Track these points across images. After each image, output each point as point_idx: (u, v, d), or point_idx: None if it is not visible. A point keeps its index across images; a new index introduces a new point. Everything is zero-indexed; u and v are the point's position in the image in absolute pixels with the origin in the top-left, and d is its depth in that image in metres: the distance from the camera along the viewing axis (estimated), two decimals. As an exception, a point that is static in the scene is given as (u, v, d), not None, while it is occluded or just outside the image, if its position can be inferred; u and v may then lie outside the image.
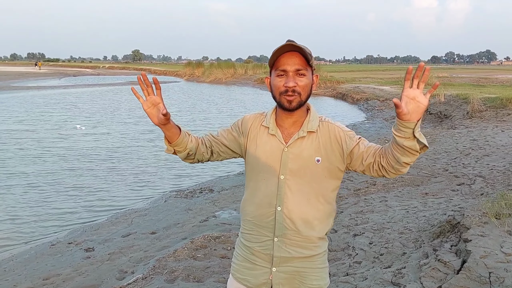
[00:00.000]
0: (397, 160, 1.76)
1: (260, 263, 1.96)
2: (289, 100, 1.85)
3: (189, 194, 7.84)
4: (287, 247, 1.91)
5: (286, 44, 1.82)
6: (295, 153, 1.89)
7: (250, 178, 2.01)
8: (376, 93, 23.56)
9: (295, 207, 1.89)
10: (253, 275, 1.98)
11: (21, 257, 5.43)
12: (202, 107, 22.46)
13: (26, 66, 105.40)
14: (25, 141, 12.51)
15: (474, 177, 7.28)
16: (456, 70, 67.70)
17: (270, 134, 1.95)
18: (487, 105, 14.89)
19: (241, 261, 2.03)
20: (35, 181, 8.63)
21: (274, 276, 1.94)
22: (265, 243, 1.94)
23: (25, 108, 20.52)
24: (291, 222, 1.89)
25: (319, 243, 1.94)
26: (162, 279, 4.35)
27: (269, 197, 1.91)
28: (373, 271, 3.99)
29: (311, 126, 1.92)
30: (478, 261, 3.54)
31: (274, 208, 1.90)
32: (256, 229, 1.96)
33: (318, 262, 1.96)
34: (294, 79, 1.84)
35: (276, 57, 1.86)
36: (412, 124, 1.65)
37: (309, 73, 1.89)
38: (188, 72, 58.49)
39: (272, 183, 1.91)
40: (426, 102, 1.63)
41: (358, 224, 5.43)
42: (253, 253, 1.98)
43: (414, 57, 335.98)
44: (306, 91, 1.88)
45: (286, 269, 1.93)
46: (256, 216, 1.95)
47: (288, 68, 1.84)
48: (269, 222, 1.92)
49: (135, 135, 14.07)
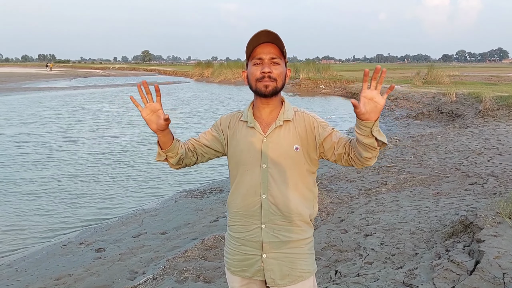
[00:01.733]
0: (360, 155, 1.86)
1: (250, 251, 2.05)
2: (265, 85, 1.95)
3: (199, 194, 7.84)
4: (274, 232, 2.01)
5: (262, 31, 1.91)
6: (274, 142, 2.00)
7: (235, 172, 2.10)
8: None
9: (279, 193, 1.99)
10: (247, 265, 2.07)
11: (33, 258, 5.47)
12: (212, 108, 22.46)
13: (37, 67, 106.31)
14: (35, 143, 12.61)
15: (487, 177, 7.20)
16: (467, 69, 67.14)
17: (249, 127, 2.05)
18: (499, 103, 14.73)
19: (233, 254, 2.11)
20: (46, 182, 8.69)
21: (265, 263, 2.03)
22: (253, 231, 2.03)
23: (36, 110, 20.70)
24: (276, 208, 1.99)
25: (305, 227, 2.05)
26: (172, 279, 4.35)
27: (254, 187, 2.01)
28: (385, 271, 3.95)
29: (287, 116, 2.03)
30: (492, 262, 3.48)
31: (259, 196, 2.01)
32: (244, 219, 2.05)
33: (306, 248, 2.07)
34: (269, 66, 1.96)
35: (252, 48, 1.97)
36: (370, 123, 1.73)
37: (283, 63, 2.00)
38: (197, 72, 58.63)
39: (255, 173, 2.01)
40: (383, 102, 1.71)
41: (369, 224, 5.39)
42: (243, 243, 2.06)
43: (425, 56, 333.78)
44: (281, 79, 1.98)
45: (275, 255, 2.02)
46: (243, 206, 2.04)
47: (264, 56, 1.95)
48: (256, 210, 2.02)
49: (144, 136, 14.12)
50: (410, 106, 18.77)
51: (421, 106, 18.23)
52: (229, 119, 2.15)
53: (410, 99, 19.90)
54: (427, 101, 18.62)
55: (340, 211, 6.04)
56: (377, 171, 8.18)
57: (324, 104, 24.27)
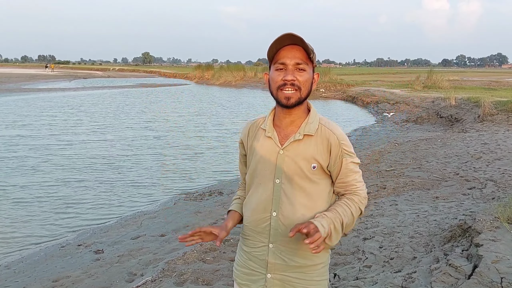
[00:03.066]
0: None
1: (256, 268, 1.93)
2: (287, 97, 1.78)
3: (198, 196, 7.84)
4: (282, 254, 1.87)
5: (285, 34, 1.74)
6: (291, 157, 1.83)
7: (249, 182, 1.98)
8: (386, 96, 23.43)
9: (290, 213, 1.83)
10: (251, 280, 1.95)
11: (30, 259, 5.47)
12: (212, 111, 22.47)
13: (37, 68, 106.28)
14: (33, 145, 12.61)
15: (486, 181, 7.21)
16: (467, 74, 67.24)
17: (266, 137, 1.89)
18: (499, 108, 14.76)
19: (241, 266, 2.01)
20: (44, 183, 8.69)
21: (268, 283, 1.90)
22: (260, 249, 1.91)
23: (36, 112, 20.70)
24: (286, 229, 1.82)
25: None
26: (171, 282, 4.35)
27: (264, 202, 1.87)
28: (383, 275, 3.96)
29: (309, 129, 1.84)
30: (490, 266, 3.49)
31: (269, 213, 1.87)
32: (253, 235, 1.93)
33: (315, 274, 1.89)
34: (293, 73, 1.77)
35: (275, 50, 1.80)
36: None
37: (310, 69, 1.82)
38: (198, 74, 58.66)
39: (268, 188, 1.87)
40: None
41: (368, 227, 5.39)
42: (250, 258, 1.95)
43: (425, 60, 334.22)
44: (306, 87, 1.81)
45: (280, 277, 1.89)
46: (252, 221, 1.92)
47: (288, 61, 1.77)
48: (265, 228, 1.88)
49: (144, 139, 14.13)
50: (409, 110, 18.79)
51: (421, 110, 18.26)
52: (248, 127, 2.00)
53: (409, 103, 19.93)
54: (427, 105, 18.66)
55: (339, 215, 6.03)
56: (376, 175, 8.19)
57: (324, 108, 24.28)
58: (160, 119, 18.63)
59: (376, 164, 9.03)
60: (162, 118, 19.13)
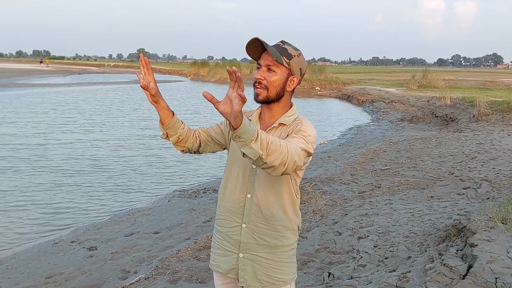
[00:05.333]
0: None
1: (229, 248, 2.07)
2: (256, 93, 1.98)
3: (192, 194, 7.81)
4: (254, 233, 2.02)
5: (251, 40, 1.90)
6: None
7: (229, 166, 2.12)
8: (381, 95, 23.48)
9: (263, 195, 1.99)
10: (223, 261, 2.10)
11: (23, 255, 5.42)
12: (207, 108, 22.43)
13: (32, 63, 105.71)
14: (27, 139, 12.53)
15: (480, 181, 7.23)
16: (462, 73, 67.51)
17: None
18: (494, 108, 14.82)
19: (215, 248, 2.16)
20: (37, 179, 8.64)
21: (240, 262, 2.04)
22: (234, 229, 2.05)
23: (30, 108, 20.58)
24: (258, 210, 2.00)
25: (286, 234, 2.04)
26: (165, 279, 4.33)
27: (241, 184, 2.03)
28: (378, 274, 3.95)
29: (284, 120, 2.02)
30: (484, 266, 3.49)
31: (244, 195, 2.02)
32: (228, 214, 2.07)
33: (284, 256, 2.05)
34: (263, 73, 1.96)
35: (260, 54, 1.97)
36: (236, 131, 1.57)
37: (282, 71, 1.96)
38: (193, 71, 58.53)
39: (246, 172, 2.02)
40: (235, 110, 1.55)
41: (363, 226, 5.39)
42: (225, 238, 2.09)
43: (420, 59, 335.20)
44: (274, 87, 1.96)
45: (251, 256, 2.03)
46: (229, 201, 2.07)
47: (262, 62, 1.97)
48: (239, 208, 2.03)
49: (138, 135, 14.09)
50: (405, 109, 18.84)
51: (416, 109, 18.30)
52: None
53: (405, 102, 19.98)
54: (422, 104, 18.70)
55: (333, 213, 6.04)
56: (371, 173, 8.19)
57: (319, 106, 24.30)
58: (154, 116, 18.56)
59: (371, 163, 9.03)
60: (157, 115, 19.02)
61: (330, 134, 14.80)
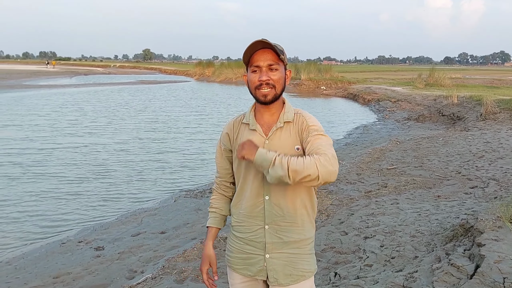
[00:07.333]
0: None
1: (254, 251, 2.09)
2: (264, 95, 1.99)
3: (198, 194, 7.82)
4: (277, 233, 2.05)
5: (257, 41, 1.96)
6: (276, 144, 2.01)
7: (238, 174, 2.14)
8: (388, 94, 23.40)
9: (281, 194, 2.02)
10: (250, 264, 2.10)
11: (31, 255, 5.46)
12: (213, 109, 22.42)
13: (38, 64, 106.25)
14: (34, 141, 12.60)
15: (488, 180, 7.18)
16: (469, 71, 67.17)
17: (251, 130, 2.08)
18: (501, 107, 14.72)
19: (236, 253, 2.16)
20: (45, 180, 8.68)
21: (268, 263, 2.06)
22: (257, 232, 2.07)
23: (36, 109, 20.68)
24: (279, 209, 2.03)
25: (307, 228, 2.09)
26: (171, 279, 4.34)
27: (257, 188, 2.05)
28: (385, 274, 3.94)
29: (287, 117, 2.05)
30: (492, 266, 3.47)
31: (262, 197, 2.05)
32: (248, 220, 2.09)
33: (307, 249, 2.10)
34: (267, 73, 1.98)
35: (250, 55, 2.00)
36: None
37: (282, 68, 2.03)
38: (198, 71, 58.59)
39: (259, 175, 2.03)
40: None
41: (369, 226, 5.37)
42: (247, 242, 2.11)
43: (427, 58, 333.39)
44: (280, 84, 2.02)
45: (278, 255, 2.06)
46: (247, 207, 2.08)
47: (261, 63, 1.98)
48: (259, 212, 2.06)
49: (145, 136, 14.12)
50: (411, 108, 18.76)
51: (423, 108, 18.23)
52: (232, 123, 2.19)
53: (411, 101, 19.89)
54: (429, 103, 18.62)
55: (340, 213, 6.03)
56: (378, 173, 8.17)
57: (325, 105, 24.26)
58: (161, 117, 18.61)
59: (378, 162, 9.01)
60: (164, 115, 19.10)
61: (336, 133, 14.76)
